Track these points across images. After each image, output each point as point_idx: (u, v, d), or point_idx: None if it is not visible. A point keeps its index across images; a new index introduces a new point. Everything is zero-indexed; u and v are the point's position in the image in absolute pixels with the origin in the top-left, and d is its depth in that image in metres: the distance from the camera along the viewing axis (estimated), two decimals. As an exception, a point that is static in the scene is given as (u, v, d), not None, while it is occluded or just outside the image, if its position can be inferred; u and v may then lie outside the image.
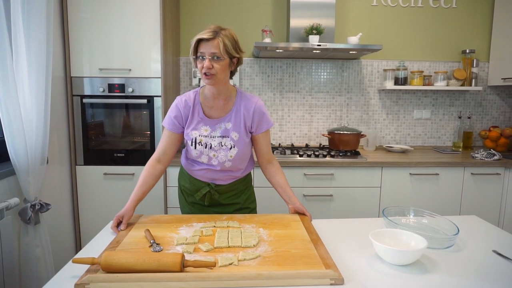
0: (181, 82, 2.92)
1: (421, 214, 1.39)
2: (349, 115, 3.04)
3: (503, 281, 0.99)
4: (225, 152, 1.44)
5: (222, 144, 1.44)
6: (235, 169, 1.52)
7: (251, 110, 1.45)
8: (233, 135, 1.44)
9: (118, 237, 1.17)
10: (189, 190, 1.59)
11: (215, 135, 1.44)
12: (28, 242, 1.77)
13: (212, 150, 1.44)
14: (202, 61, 1.31)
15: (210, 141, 1.43)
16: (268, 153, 1.55)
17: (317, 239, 1.18)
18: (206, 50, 1.30)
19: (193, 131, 1.44)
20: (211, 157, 1.46)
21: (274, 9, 2.90)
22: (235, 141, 1.44)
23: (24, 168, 1.71)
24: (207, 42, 1.29)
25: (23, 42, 1.70)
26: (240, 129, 1.45)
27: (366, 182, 2.44)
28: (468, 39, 3.02)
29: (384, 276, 1.00)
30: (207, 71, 1.31)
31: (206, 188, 1.52)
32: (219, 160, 1.45)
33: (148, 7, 2.27)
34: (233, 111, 1.45)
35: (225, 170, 1.50)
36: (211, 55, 1.30)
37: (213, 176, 1.52)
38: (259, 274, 0.93)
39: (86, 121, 2.36)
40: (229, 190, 1.56)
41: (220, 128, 1.44)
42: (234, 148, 1.45)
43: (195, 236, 1.18)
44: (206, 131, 1.44)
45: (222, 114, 1.45)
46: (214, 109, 1.45)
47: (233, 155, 1.45)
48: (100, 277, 0.90)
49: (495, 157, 2.50)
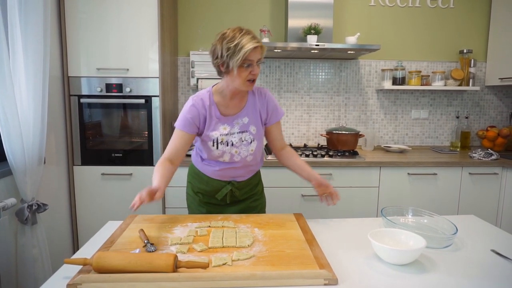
0: (179, 82, 2.92)
1: (419, 214, 1.39)
2: (347, 115, 3.04)
3: (501, 280, 0.99)
4: (246, 147, 1.45)
5: (242, 140, 1.44)
6: (254, 162, 1.53)
7: (265, 102, 1.48)
8: (251, 129, 1.45)
9: (112, 237, 1.17)
10: (206, 192, 1.58)
11: (234, 132, 1.44)
12: (25, 242, 1.77)
13: (234, 147, 1.44)
14: (248, 68, 1.31)
15: (230, 138, 1.43)
16: (282, 140, 1.57)
17: (312, 239, 1.18)
18: (255, 58, 1.30)
19: (213, 131, 1.42)
20: (233, 154, 1.45)
21: (272, 9, 2.90)
22: (254, 134, 1.46)
23: (21, 168, 1.71)
24: (255, 50, 1.29)
25: (20, 41, 1.70)
26: (257, 122, 1.47)
27: (364, 182, 2.43)
28: (466, 39, 3.02)
29: (382, 276, 1.00)
30: (255, 77, 1.33)
31: (228, 187, 1.51)
32: (241, 156, 1.45)
33: (146, 6, 2.27)
34: (248, 106, 1.46)
35: (245, 165, 1.50)
36: (258, 61, 1.32)
37: (234, 173, 1.51)
38: (252, 274, 0.93)
39: (84, 121, 2.36)
40: (247, 184, 1.57)
41: (238, 124, 1.44)
42: (254, 141, 1.46)
43: (189, 236, 1.18)
44: (225, 129, 1.43)
45: (238, 110, 1.45)
46: (229, 108, 1.45)
47: (254, 149, 1.46)
48: (92, 277, 0.90)
49: (492, 157, 2.50)
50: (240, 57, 1.26)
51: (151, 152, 2.39)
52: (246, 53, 1.26)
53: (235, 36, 1.28)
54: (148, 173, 2.38)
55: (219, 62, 1.33)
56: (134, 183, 2.39)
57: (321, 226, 1.38)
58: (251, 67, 1.31)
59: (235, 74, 1.31)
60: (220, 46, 1.31)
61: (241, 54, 1.26)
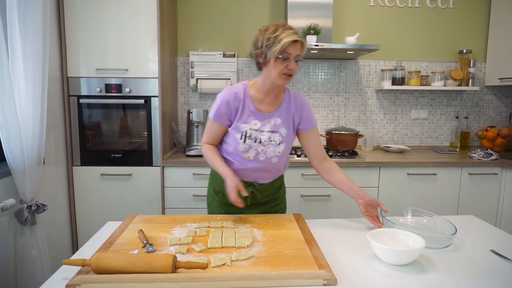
0: (178, 82, 2.92)
1: (419, 214, 1.39)
2: (346, 115, 3.04)
3: (501, 280, 0.99)
4: (273, 147, 1.42)
5: (271, 140, 1.41)
6: (278, 166, 1.49)
7: (300, 106, 1.46)
8: (282, 131, 1.43)
9: (112, 237, 1.17)
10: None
11: (264, 130, 1.41)
12: (24, 243, 1.77)
13: (261, 145, 1.41)
14: (285, 61, 1.31)
15: (259, 135, 1.41)
16: (322, 150, 1.52)
17: (311, 240, 1.18)
18: (293, 52, 1.30)
19: (244, 124, 1.41)
20: (259, 152, 1.42)
21: (271, 9, 2.90)
22: (284, 137, 1.43)
23: (20, 169, 1.71)
24: (295, 44, 1.30)
25: (19, 42, 1.70)
26: (289, 125, 1.44)
27: (364, 182, 2.43)
28: (465, 39, 3.02)
29: (381, 276, 1.00)
30: (291, 72, 1.32)
31: (249, 188, 1.47)
32: (267, 155, 1.42)
33: (145, 7, 2.27)
34: (282, 107, 1.44)
35: (269, 168, 1.46)
36: (296, 57, 1.32)
37: (257, 175, 1.49)
38: (251, 274, 0.93)
39: (83, 122, 2.36)
40: (269, 187, 1.54)
41: (270, 123, 1.42)
42: (282, 144, 1.43)
43: (188, 237, 1.18)
44: (256, 125, 1.41)
45: (272, 109, 1.44)
46: (264, 104, 1.43)
47: (281, 151, 1.43)
48: (91, 277, 0.90)
49: (492, 157, 2.50)
50: (278, 49, 1.27)
51: (150, 153, 2.39)
52: (285, 45, 1.27)
53: (277, 29, 1.30)
54: (148, 173, 2.38)
55: (258, 52, 1.35)
56: (134, 184, 2.39)
57: (320, 226, 1.38)
58: (288, 61, 1.31)
59: (272, 65, 1.32)
60: (262, 37, 1.33)
61: (279, 46, 1.27)
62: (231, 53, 2.77)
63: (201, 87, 2.74)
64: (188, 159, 2.41)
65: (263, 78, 1.40)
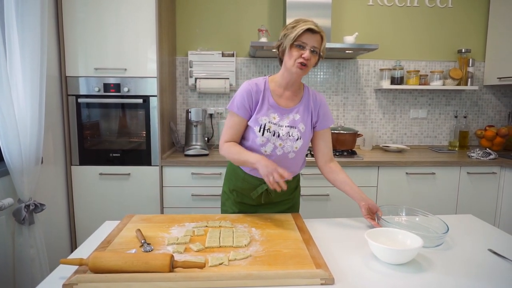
0: (177, 81, 2.92)
1: (413, 213, 1.40)
2: (345, 114, 3.04)
3: (499, 279, 0.99)
4: (291, 142, 1.41)
5: (289, 134, 1.41)
6: (296, 163, 1.48)
7: (318, 104, 1.46)
8: (300, 127, 1.42)
9: (109, 237, 1.17)
10: (241, 189, 1.53)
11: (283, 124, 1.41)
12: (22, 242, 1.77)
13: (280, 139, 1.40)
14: (301, 50, 1.32)
15: (278, 129, 1.40)
16: (330, 151, 1.52)
17: (309, 239, 1.18)
18: (309, 42, 1.31)
19: (263, 116, 1.40)
20: (276, 146, 1.40)
21: (270, 8, 2.90)
22: (302, 133, 1.42)
23: (18, 168, 1.71)
24: (312, 35, 1.31)
25: (17, 41, 1.69)
26: (307, 122, 1.44)
27: (363, 181, 2.43)
28: (464, 38, 3.02)
29: (379, 275, 1.00)
30: (305, 61, 1.32)
31: (264, 186, 1.45)
32: (284, 150, 1.41)
33: (144, 6, 2.26)
34: (302, 103, 1.44)
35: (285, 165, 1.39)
36: (312, 47, 1.32)
37: None
38: (248, 274, 0.93)
39: (82, 121, 2.35)
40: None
41: (288, 118, 1.42)
42: (300, 140, 1.42)
43: (186, 236, 1.18)
44: (275, 118, 1.41)
45: (291, 104, 1.44)
46: (283, 98, 1.44)
47: (298, 147, 1.42)
48: (89, 277, 0.89)
49: (491, 156, 2.50)
50: (293, 36, 1.30)
51: (149, 152, 2.39)
52: (299, 32, 1.29)
53: (299, 21, 1.33)
54: (146, 173, 2.38)
55: (278, 43, 1.39)
56: (132, 183, 2.39)
57: (318, 225, 1.38)
58: (303, 50, 1.31)
59: (287, 54, 1.34)
60: (283, 31, 1.37)
61: (294, 33, 1.30)
62: (230, 52, 2.77)
63: (199, 87, 2.74)
64: (187, 159, 2.41)
65: (282, 71, 1.42)
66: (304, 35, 1.30)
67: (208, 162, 2.36)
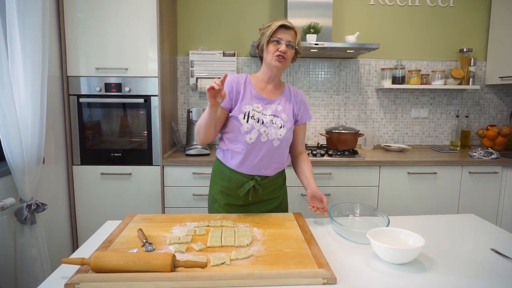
0: (178, 81, 2.92)
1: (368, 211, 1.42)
2: (346, 114, 3.04)
3: (501, 279, 0.99)
4: (275, 130, 1.46)
5: (273, 122, 1.47)
6: (281, 153, 1.51)
7: (298, 99, 1.56)
8: (283, 116, 1.49)
9: (111, 236, 1.17)
10: (228, 189, 1.54)
11: (266, 113, 1.47)
12: (24, 242, 1.77)
13: (264, 126, 1.45)
14: (277, 44, 1.42)
15: (262, 117, 1.46)
16: (302, 144, 1.63)
17: (310, 238, 1.18)
18: (284, 37, 1.42)
19: (247, 105, 1.46)
20: (261, 133, 1.44)
21: (271, 8, 2.90)
22: (285, 121, 1.49)
23: (20, 168, 1.71)
24: (287, 30, 1.43)
25: (18, 41, 1.69)
26: (289, 113, 1.52)
27: (364, 181, 2.43)
28: (466, 38, 3.02)
29: (381, 275, 1.00)
30: (282, 54, 1.42)
31: (251, 182, 1.48)
32: (269, 137, 1.45)
33: (145, 6, 2.26)
34: (283, 96, 1.54)
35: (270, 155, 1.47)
36: (287, 42, 1.42)
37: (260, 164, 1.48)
38: (250, 273, 0.93)
39: (83, 121, 2.35)
40: (272, 184, 1.56)
41: (271, 108, 1.49)
42: (284, 127, 1.48)
43: (188, 236, 1.18)
44: (258, 108, 1.48)
45: (273, 97, 1.52)
46: (265, 91, 1.52)
47: (283, 134, 1.47)
48: (90, 276, 0.89)
49: (492, 156, 2.50)
50: (269, 33, 1.42)
51: (150, 152, 2.39)
52: (273, 29, 1.41)
53: (272, 21, 1.46)
54: (148, 172, 2.38)
55: (257, 43, 1.50)
56: (134, 183, 2.39)
57: (320, 225, 1.38)
58: (279, 44, 1.42)
59: (265, 50, 1.46)
60: (260, 31, 1.49)
61: (270, 30, 1.42)
62: (231, 52, 2.77)
63: (201, 86, 2.74)
64: (188, 159, 2.41)
65: (263, 67, 1.53)
66: (278, 31, 1.42)
67: (209, 162, 2.36)
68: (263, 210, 1.55)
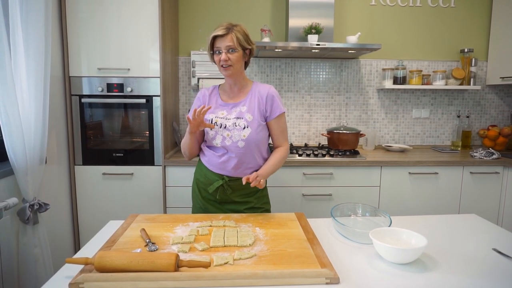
0: (180, 81, 2.92)
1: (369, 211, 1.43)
2: (348, 114, 3.04)
3: (503, 279, 0.99)
4: (238, 131, 1.50)
5: (236, 124, 1.51)
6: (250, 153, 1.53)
7: (265, 95, 1.56)
8: (247, 117, 1.53)
9: (114, 236, 1.18)
10: (203, 184, 1.63)
11: (230, 117, 1.53)
12: (26, 242, 1.77)
13: (226, 129, 1.51)
14: (219, 55, 1.49)
15: (225, 122, 1.53)
16: (280, 139, 1.62)
17: (313, 238, 1.18)
18: (221, 45, 1.47)
19: (209, 114, 1.55)
20: (225, 137, 1.52)
21: (273, 8, 2.90)
22: (249, 122, 1.52)
23: (23, 168, 1.72)
24: (222, 38, 1.47)
25: (21, 41, 1.70)
26: (254, 112, 1.54)
27: (365, 181, 2.43)
28: (467, 38, 3.02)
29: (384, 274, 1.00)
30: (224, 63, 1.47)
31: (220, 181, 1.55)
32: (232, 139, 1.51)
33: (147, 6, 2.27)
34: (248, 97, 1.57)
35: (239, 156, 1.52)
36: (226, 48, 1.47)
37: (228, 165, 1.54)
38: (254, 273, 0.93)
39: (85, 121, 2.36)
40: (242, 187, 1.57)
41: (236, 111, 1.54)
42: (248, 128, 1.51)
43: (191, 236, 1.18)
44: (223, 114, 1.55)
45: (238, 100, 1.58)
46: (231, 97, 1.59)
47: (246, 135, 1.50)
48: (94, 276, 0.90)
49: (493, 156, 2.50)
50: (209, 47, 1.51)
51: (152, 152, 2.39)
52: (210, 41, 1.50)
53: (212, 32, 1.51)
54: (149, 172, 2.39)
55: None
56: (135, 183, 2.39)
57: (322, 225, 1.38)
58: (220, 54, 1.48)
59: (213, 62, 1.55)
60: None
61: (209, 44, 1.51)
62: (232, 52, 2.77)
63: (202, 87, 2.74)
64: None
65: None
66: (215, 41, 1.49)
67: (211, 162, 2.36)
68: (236, 209, 1.60)
